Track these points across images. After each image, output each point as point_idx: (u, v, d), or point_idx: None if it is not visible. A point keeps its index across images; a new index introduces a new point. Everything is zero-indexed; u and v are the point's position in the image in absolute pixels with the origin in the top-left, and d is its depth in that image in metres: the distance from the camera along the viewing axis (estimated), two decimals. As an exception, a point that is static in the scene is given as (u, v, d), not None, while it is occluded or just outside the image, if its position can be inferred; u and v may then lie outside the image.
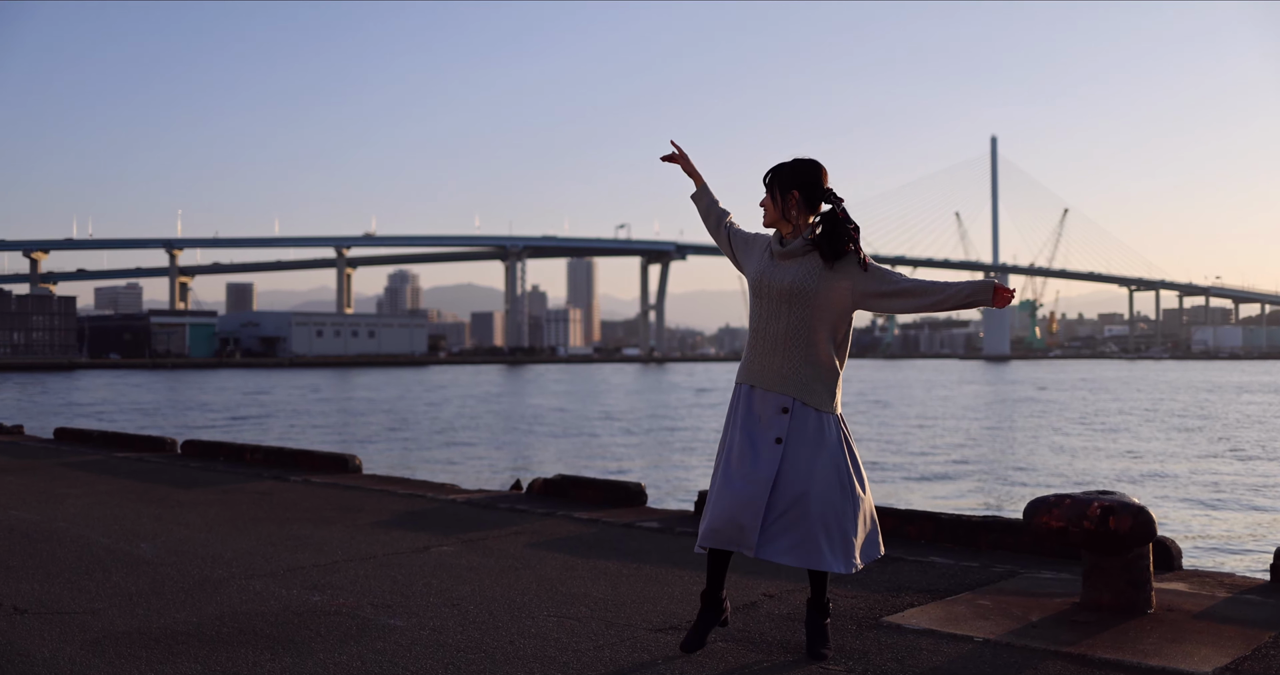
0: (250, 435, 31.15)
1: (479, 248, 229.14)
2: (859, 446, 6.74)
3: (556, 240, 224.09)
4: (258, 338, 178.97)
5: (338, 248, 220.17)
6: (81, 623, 4.54)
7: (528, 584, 5.16)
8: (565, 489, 7.90)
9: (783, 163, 3.91)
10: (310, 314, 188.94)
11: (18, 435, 14.33)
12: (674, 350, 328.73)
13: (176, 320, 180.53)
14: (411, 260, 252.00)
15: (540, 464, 23.09)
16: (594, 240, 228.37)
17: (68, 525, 7.01)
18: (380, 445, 28.28)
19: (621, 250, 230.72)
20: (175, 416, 41.72)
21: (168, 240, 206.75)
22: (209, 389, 70.25)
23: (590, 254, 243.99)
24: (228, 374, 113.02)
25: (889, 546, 5.90)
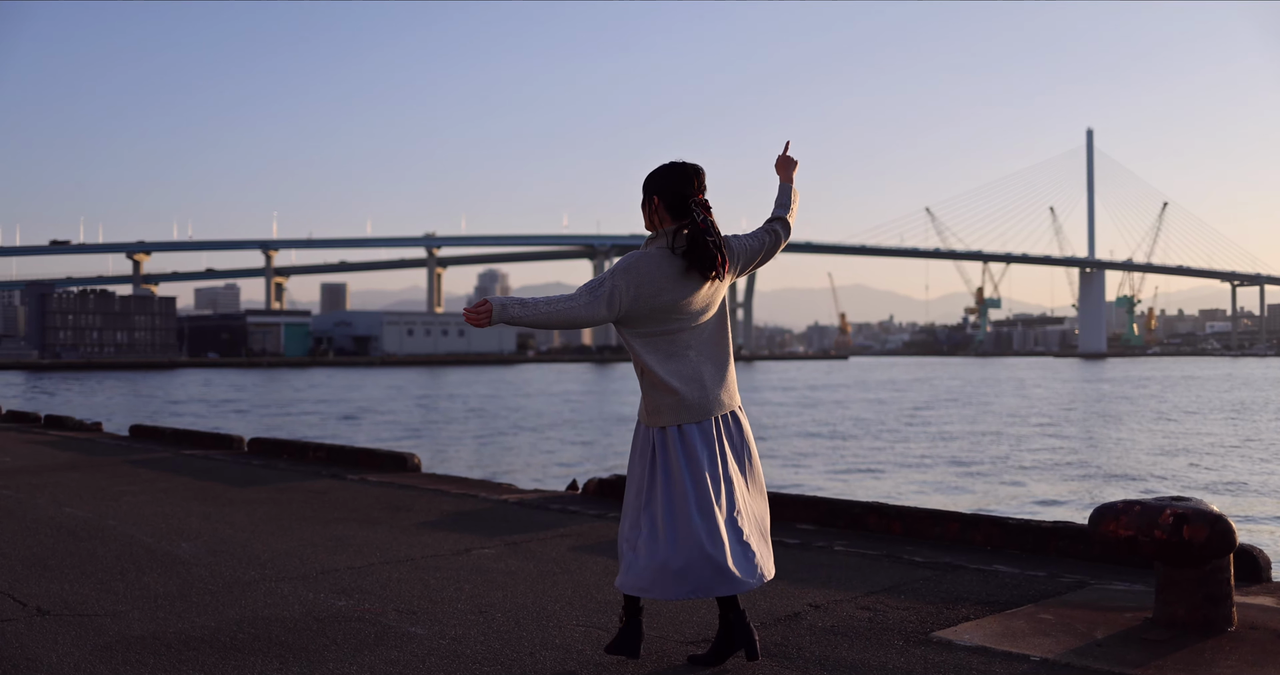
0: (337, 433, 31.47)
1: (567, 247, 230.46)
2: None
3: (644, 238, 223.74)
4: (350, 337, 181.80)
5: (428, 247, 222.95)
6: (99, 626, 4.41)
7: (562, 590, 4.92)
8: (620, 490, 7.64)
9: (658, 167, 3.69)
10: (401, 313, 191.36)
11: (95, 433, 14.50)
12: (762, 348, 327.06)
13: (272, 320, 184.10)
14: (501, 259, 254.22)
15: (611, 463, 22.89)
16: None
17: (117, 523, 6.95)
18: (456, 444, 28.34)
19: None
20: (264, 414, 42.35)
21: (264, 241, 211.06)
22: (301, 387, 71.41)
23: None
24: (320, 372, 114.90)
25: (953, 553, 5.57)
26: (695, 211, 3.60)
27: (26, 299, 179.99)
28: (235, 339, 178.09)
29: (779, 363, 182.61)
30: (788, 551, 5.73)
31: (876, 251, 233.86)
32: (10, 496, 8.25)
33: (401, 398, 55.16)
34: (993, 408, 45.11)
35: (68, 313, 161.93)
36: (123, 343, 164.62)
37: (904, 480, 19.58)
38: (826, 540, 5.98)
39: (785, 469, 21.80)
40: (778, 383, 78.81)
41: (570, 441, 28.53)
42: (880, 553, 5.63)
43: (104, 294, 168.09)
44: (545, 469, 21.25)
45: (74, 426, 15.17)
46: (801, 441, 28.44)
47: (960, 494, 17.58)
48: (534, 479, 18.92)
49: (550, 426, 34.27)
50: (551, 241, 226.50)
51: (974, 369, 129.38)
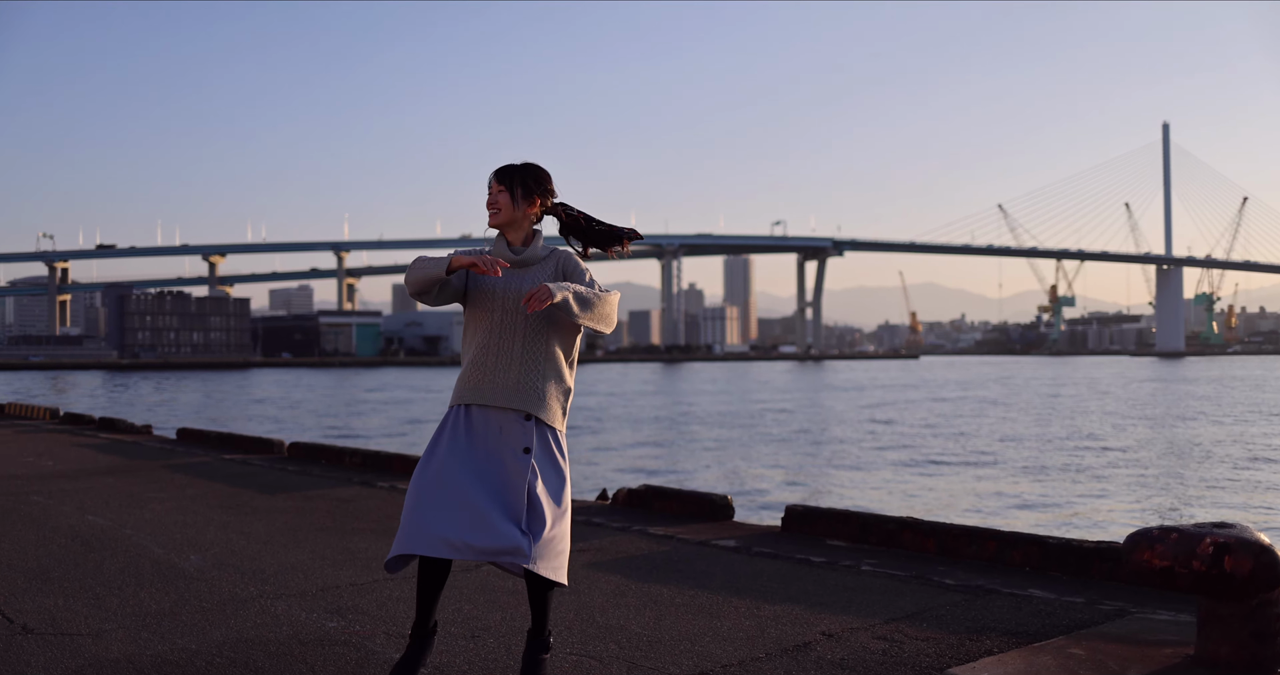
0: (403, 431, 31.57)
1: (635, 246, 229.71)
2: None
3: (712, 238, 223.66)
4: (421, 337, 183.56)
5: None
6: (77, 647, 4.23)
7: (565, 613, 4.65)
8: (649, 501, 7.38)
9: (515, 164, 3.65)
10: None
11: (144, 435, 14.53)
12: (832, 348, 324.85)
13: (344, 320, 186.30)
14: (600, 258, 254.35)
15: (662, 469, 22.64)
16: (749, 237, 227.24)
17: (132, 533, 6.81)
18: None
19: (777, 247, 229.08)
20: (328, 415, 42.70)
21: (335, 243, 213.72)
22: (372, 386, 72.07)
23: (746, 251, 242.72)
24: (391, 372, 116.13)
25: (988, 575, 5.23)
26: (565, 208, 3.71)
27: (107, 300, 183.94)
28: (308, 339, 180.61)
29: (848, 362, 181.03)
30: (812, 571, 5.43)
31: (948, 249, 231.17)
32: (39, 503, 8.18)
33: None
34: (1063, 409, 44.18)
35: (146, 314, 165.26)
36: (199, 343, 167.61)
37: (958, 489, 19.09)
38: (855, 559, 5.65)
39: (831, 472, 21.39)
40: (843, 382, 78.02)
41: (628, 444, 28.31)
42: (910, 574, 5.29)
43: (180, 295, 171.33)
44: (591, 471, 21.04)
45: (124, 429, 15.23)
46: (858, 443, 27.96)
47: (1013, 505, 17.05)
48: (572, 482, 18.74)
49: (611, 428, 34.09)
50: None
51: (1047, 368, 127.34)
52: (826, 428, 33.97)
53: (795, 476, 20.56)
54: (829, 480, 20.04)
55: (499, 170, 3.64)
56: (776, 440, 29.14)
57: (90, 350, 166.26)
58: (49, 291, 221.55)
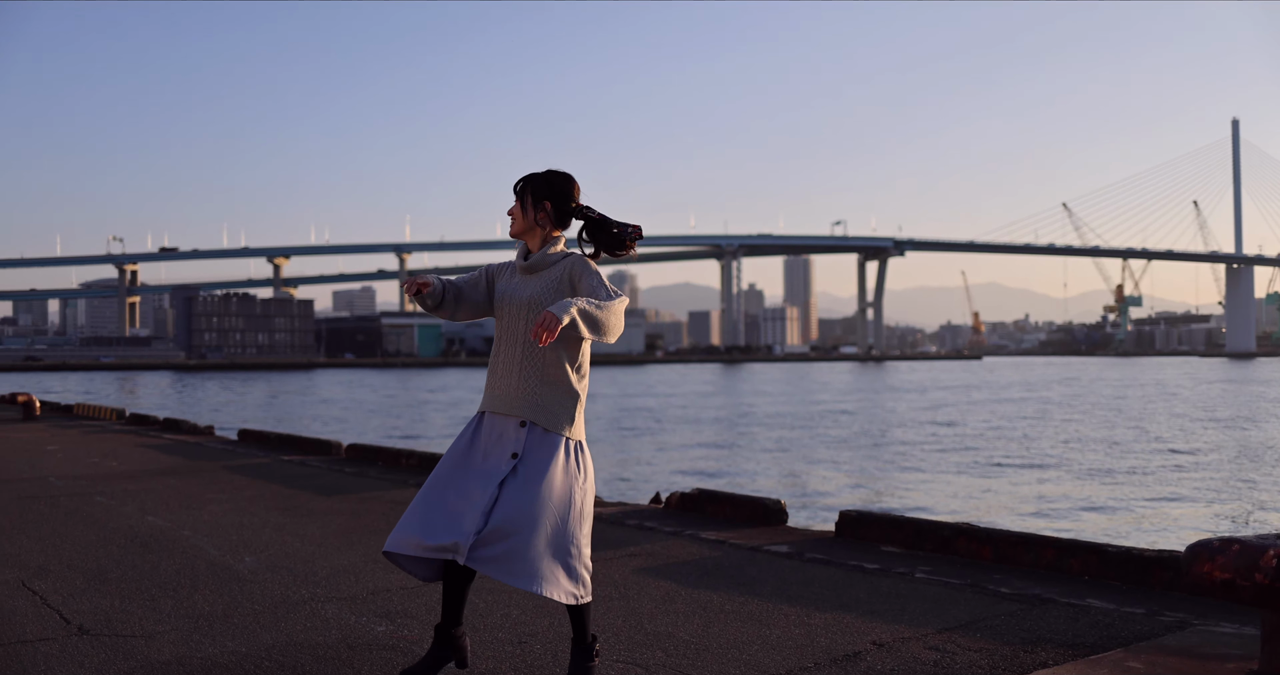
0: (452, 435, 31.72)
1: (694, 247, 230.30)
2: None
3: (771, 238, 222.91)
4: (482, 337, 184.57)
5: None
6: (129, 648, 4.28)
7: (613, 619, 4.63)
8: (702, 505, 7.33)
9: (535, 172, 3.70)
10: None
11: (206, 436, 14.73)
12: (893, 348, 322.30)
13: (406, 321, 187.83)
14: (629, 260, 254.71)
15: (720, 471, 22.55)
16: (809, 238, 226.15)
17: (190, 534, 6.89)
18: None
19: (838, 247, 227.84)
20: (390, 416, 43.07)
21: (397, 245, 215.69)
22: (435, 387, 72.64)
23: (806, 251, 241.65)
24: (453, 372, 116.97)
25: (1045, 583, 5.12)
26: (588, 214, 3.67)
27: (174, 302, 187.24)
28: (370, 340, 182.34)
29: (910, 363, 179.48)
30: (865, 577, 5.35)
31: (1010, 249, 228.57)
32: (102, 504, 8.30)
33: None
34: (1129, 411, 43.46)
35: (212, 315, 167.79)
36: (264, 344, 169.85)
37: (1019, 493, 18.81)
38: (909, 566, 5.57)
39: (890, 475, 21.18)
40: (904, 383, 77.33)
41: (686, 445, 28.24)
42: (964, 582, 5.20)
43: (246, 297, 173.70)
44: (646, 473, 21.00)
45: (188, 430, 15.46)
46: (918, 445, 27.68)
47: (1075, 510, 16.77)
48: (628, 484, 18.71)
49: (668, 429, 34.05)
50: (679, 242, 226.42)
51: (1113, 369, 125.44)
52: (887, 430, 33.68)
53: (854, 480, 20.39)
54: (888, 484, 19.85)
55: (518, 180, 3.70)
56: (836, 442, 28.94)
57: (159, 351, 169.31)
58: (119, 293, 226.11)
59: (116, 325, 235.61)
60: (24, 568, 5.87)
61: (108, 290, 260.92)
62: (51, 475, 10.23)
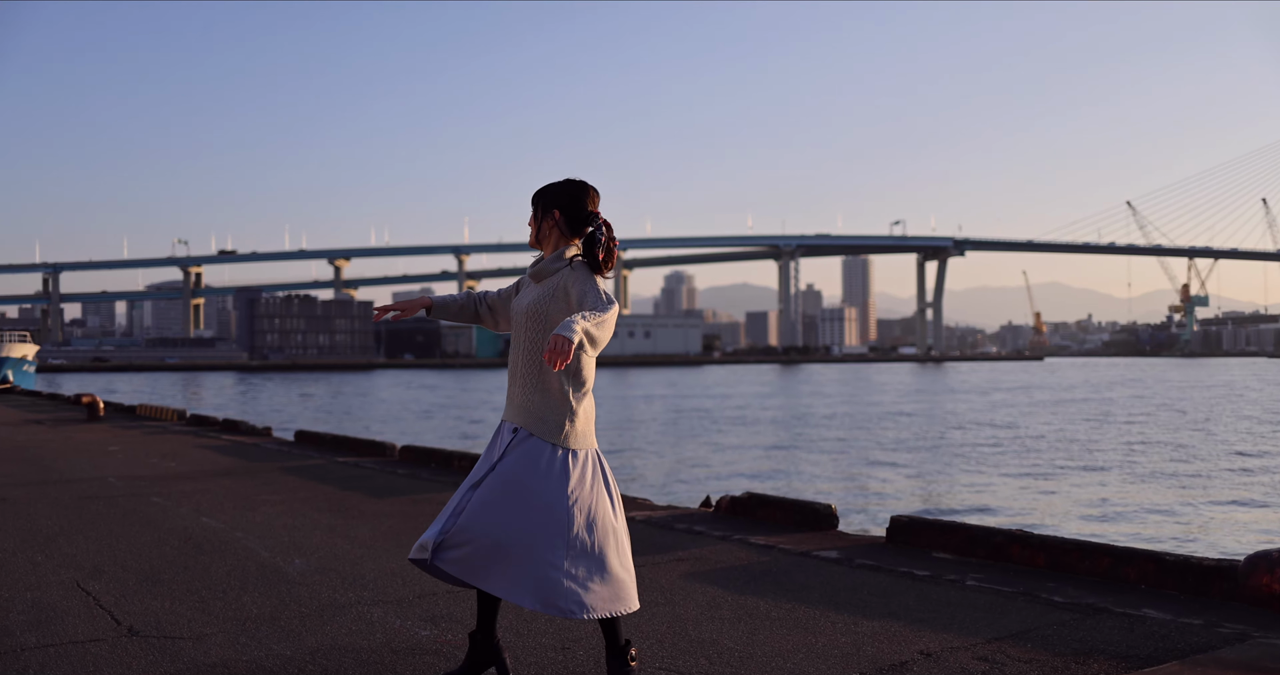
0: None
1: (752, 247, 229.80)
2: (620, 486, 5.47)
3: (829, 239, 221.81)
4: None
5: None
6: (177, 650, 4.31)
7: (657, 625, 4.59)
8: (752, 508, 7.27)
9: (551, 183, 3.71)
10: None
11: (263, 437, 14.89)
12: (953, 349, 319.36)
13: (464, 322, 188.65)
14: (687, 261, 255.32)
15: (773, 472, 22.42)
16: (868, 238, 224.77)
17: (242, 535, 6.95)
18: (624, 450, 28.28)
19: (897, 247, 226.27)
20: (447, 417, 43.32)
21: (455, 246, 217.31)
22: (492, 388, 73.02)
23: (864, 252, 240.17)
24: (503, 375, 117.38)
25: (1100, 592, 5.01)
26: (599, 223, 3.63)
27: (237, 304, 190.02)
28: (429, 341, 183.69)
29: (970, 363, 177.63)
30: (914, 585, 5.27)
31: (1073, 248, 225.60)
32: (159, 505, 8.41)
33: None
34: (1195, 414, 42.68)
35: (274, 316, 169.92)
36: (324, 345, 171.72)
37: (1078, 498, 18.52)
38: (960, 573, 5.47)
39: (946, 479, 20.94)
40: (964, 384, 76.52)
41: (740, 447, 28.13)
42: (1017, 590, 5.10)
43: (307, 299, 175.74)
44: (699, 475, 20.92)
45: (246, 431, 15.64)
46: (977, 448, 27.35)
47: (1136, 516, 16.46)
48: (681, 486, 18.65)
49: (723, 430, 33.94)
50: (736, 242, 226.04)
51: (1179, 370, 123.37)
52: (946, 432, 33.34)
53: (910, 483, 20.19)
54: (944, 487, 19.62)
55: (536, 191, 3.75)
56: (893, 445, 28.68)
57: (222, 352, 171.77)
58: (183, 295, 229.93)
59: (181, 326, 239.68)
60: (79, 568, 5.96)
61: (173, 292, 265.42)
62: (111, 476, 10.39)
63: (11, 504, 8.54)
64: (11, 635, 4.57)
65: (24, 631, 4.63)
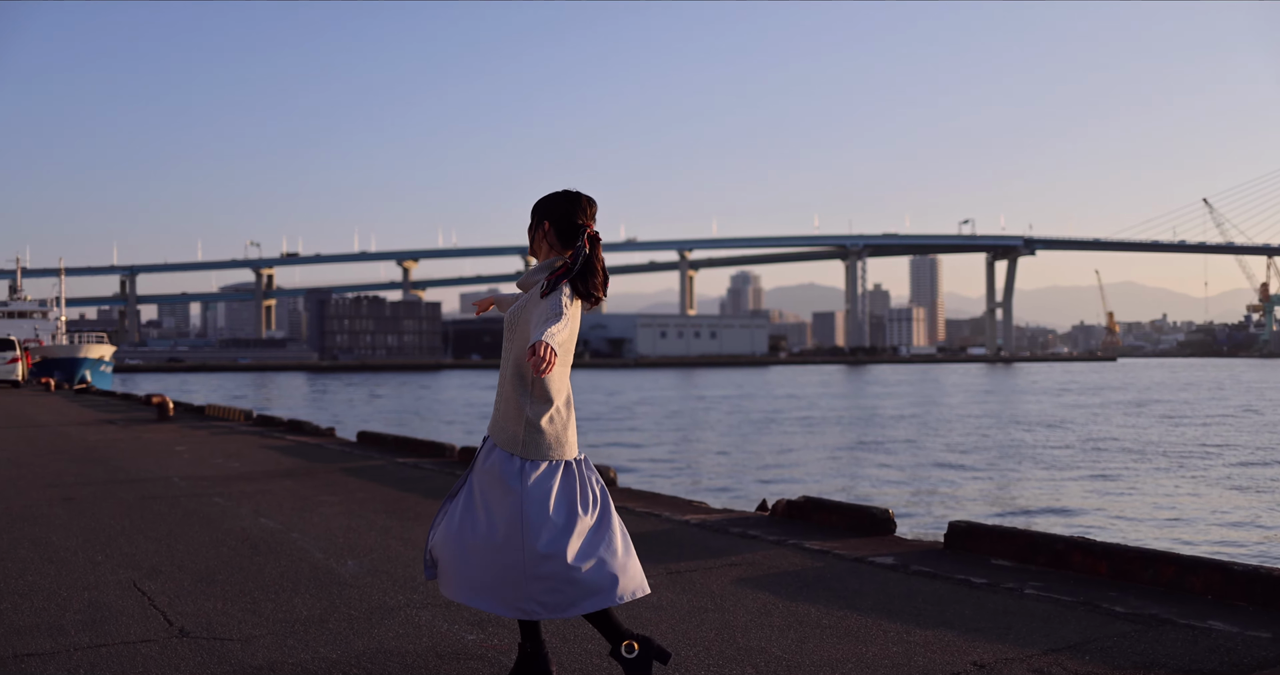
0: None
1: (819, 247, 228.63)
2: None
3: (897, 238, 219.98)
4: (605, 339, 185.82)
5: (680, 250, 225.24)
6: (225, 652, 4.33)
7: (705, 632, 4.52)
8: (808, 512, 7.17)
9: (547, 194, 3.73)
10: (655, 316, 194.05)
11: (326, 438, 15.02)
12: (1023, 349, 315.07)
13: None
14: (753, 261, 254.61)
15: (834, 474, 22.21)
16: (936, 237, 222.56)
17: (298, 536, 6.99)
18: (685, 452, 28.21)
19: (965, 246, 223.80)
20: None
21: (522, 247, 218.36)
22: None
23: (933, 251, 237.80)
24: (576, 374, 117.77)
25: (1164, 603, 4.86)
26: (587, 234, 3.63)
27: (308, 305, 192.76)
28: (497, 341, 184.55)
29: (1040, 364, 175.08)
30: (971, 593, 5.15)
31: (1147, 247, 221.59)
32: (219, 505, 8.50)
33: (656, 400, 55.72)
34: (1273, 416, 41.66)
35: (344, 317, 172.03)
36: (393, 345, 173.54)
37: (1147, 504, 18.11)
38: (1019, 581, 5.34)
39: (1013, 482, 20.60)
40: (1034, 385, 75.42)
41: (801, 448, 27.92)
42: (1076, 599, 4.96)
43: (376, 300, 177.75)
44: (757, 476, 20.77)
45: (310, 431, 15.79)
46: (1045, 449, 26.90)
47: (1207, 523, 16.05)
48: (740, 489, 18.52)
49: (785, 431, 33.72)
50: (803, 242, 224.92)
51: (1257, 371, 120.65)
52: (1014, 434, 32.85)
53: (974, 487, 19.89)
54: (1009, 492, 19.30)
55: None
56: (959, 448, 28.31)
57: (293, 352, 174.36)
58: (255, 297, 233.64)
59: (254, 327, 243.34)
60: (137, 568, 6.02)
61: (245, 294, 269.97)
62: (176, 476, 10.53)
63: (78, 503, 8.68)
64: (66, 634, 4.62)
65: (78, 631, 4.68)
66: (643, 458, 25.38)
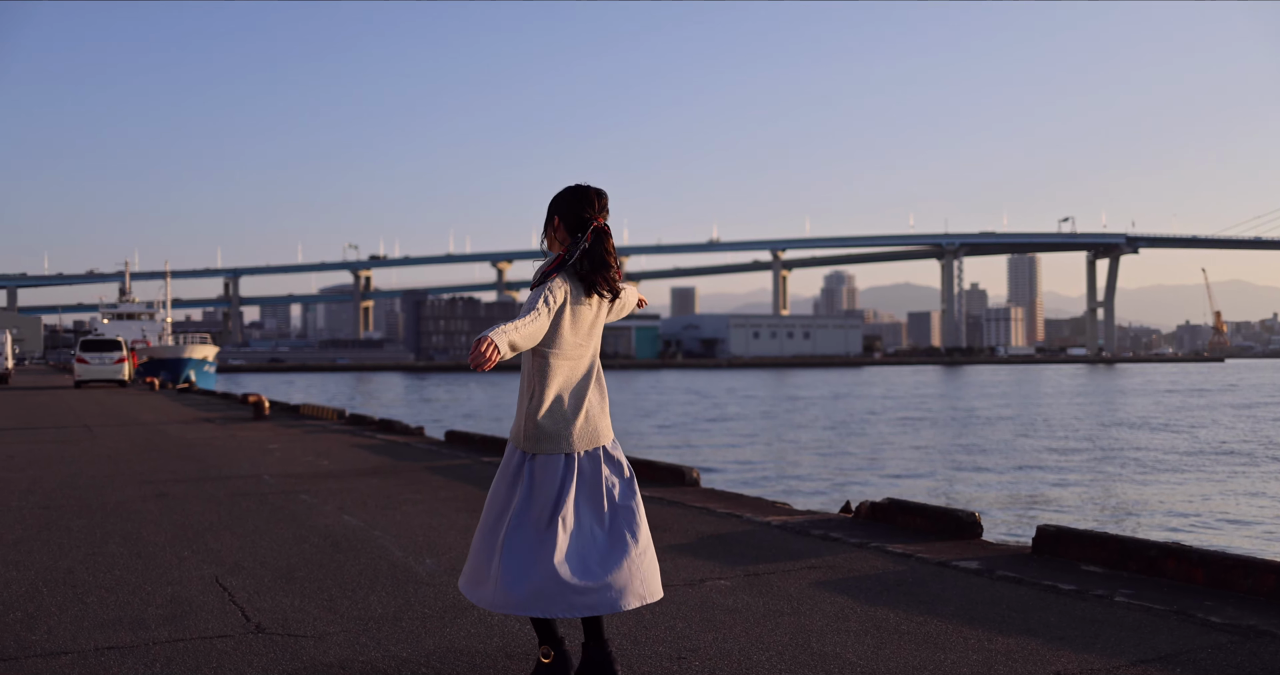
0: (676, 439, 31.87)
1: (914, 246, 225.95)
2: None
3: (994, 237, 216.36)
4: (698, 339, 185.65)
5: (773, 250, 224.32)
6: (299, 649, 4.35)
7: (780, 636, 4.43)
8: (893, 515, 7.02)
9: (562, 189, 3.71)
10: (747, 316, 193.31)
11: (415, 437, 15.16)
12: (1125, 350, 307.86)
13: (623, 323, 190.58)
14: (846, 261, 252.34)
15: (923, 473, 21.83)
16: (1034, 235, 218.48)
17: (380, 534, 7.03)
18: (775, 453, 27.99)
19: (1065, 245, 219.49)
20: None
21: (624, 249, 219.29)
22: (645, 388, 73.39)
23: (1031, 250, 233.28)
24: (668, 374, 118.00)
25: (1265, 614, 4.64)
26: (591, 228, 3.59)
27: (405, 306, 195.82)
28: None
29: (1143, 365, 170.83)
30: (1058, 599, 4.98)
31: (1258, 244, 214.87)
32: (305, 502, 8.60)
33: (748, 401, 55.49)
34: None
35: (439, 318, 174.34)
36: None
37: (1250, 511, 17.49)
38: (1109, 588, 5.15)
39: (1111, 486, 20.05)
40: (1138, 386, 73.56)
41: (891, 448, 27.53)
42: (1169, 608, 4.76)
43: (471, 300, 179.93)
44: (844, 478, 20.49)
45: (399, 430, 15.96)
46: (1148, 451, 26.17)
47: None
48: (826, 490, 18.28)
49: (874, 432, 33.30)
50: (897, 241, 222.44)
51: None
52: (1113, 436, 32.04)
53: (1068, 491, 19.39)
54: (1104, 495, 18.79)
55: None
56: (1055, 449, 27.68)
57: (390, 353, 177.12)
58: (354, 298, 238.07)
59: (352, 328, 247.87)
60: (221, 564, 6.10)
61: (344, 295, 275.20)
62: (266, 473, 10.70)
63: (171, 499, 8.85)
64: (147, 628, 4.69)
65: (158, 625, 4.74)
66: (731, 458, 25.26)
